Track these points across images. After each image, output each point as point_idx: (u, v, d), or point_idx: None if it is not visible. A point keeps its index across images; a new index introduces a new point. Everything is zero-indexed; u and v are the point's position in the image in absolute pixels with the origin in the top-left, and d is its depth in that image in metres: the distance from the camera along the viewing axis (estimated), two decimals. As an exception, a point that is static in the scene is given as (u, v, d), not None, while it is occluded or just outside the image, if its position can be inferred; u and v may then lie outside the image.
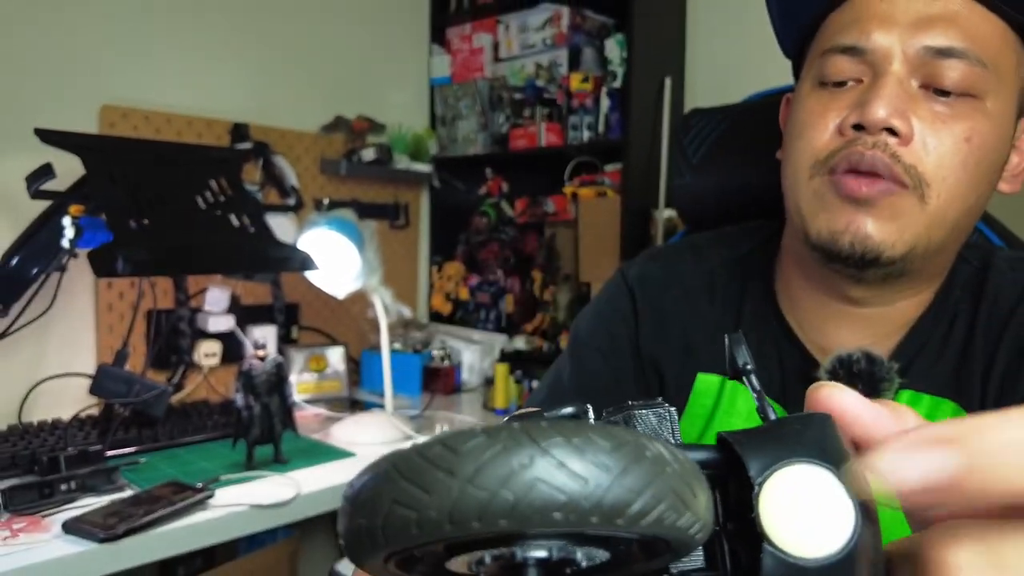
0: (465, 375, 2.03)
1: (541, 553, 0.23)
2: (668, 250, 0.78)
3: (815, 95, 0.60)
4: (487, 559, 0.23)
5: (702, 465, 0.26)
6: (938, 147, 0.55)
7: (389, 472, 0.21)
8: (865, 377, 0.59)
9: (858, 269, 0.58)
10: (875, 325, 0.63)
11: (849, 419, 0.26)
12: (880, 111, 0.54)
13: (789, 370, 0.66)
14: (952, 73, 0.55)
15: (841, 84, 0.59)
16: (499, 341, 2.13)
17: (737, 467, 0.26)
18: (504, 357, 2.06)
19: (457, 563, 0.25)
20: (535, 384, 1.94)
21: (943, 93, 0.55)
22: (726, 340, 0.33)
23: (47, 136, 1.23)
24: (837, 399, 0.27)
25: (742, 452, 0.26)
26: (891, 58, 0.56)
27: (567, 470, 0.20)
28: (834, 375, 0.61)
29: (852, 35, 0.58)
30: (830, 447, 0.26)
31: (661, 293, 0.73)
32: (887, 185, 0.55)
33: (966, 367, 0.61)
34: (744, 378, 0.31)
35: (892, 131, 0.54)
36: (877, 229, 0.56)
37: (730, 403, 0.68)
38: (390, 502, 0.21)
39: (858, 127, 0.56)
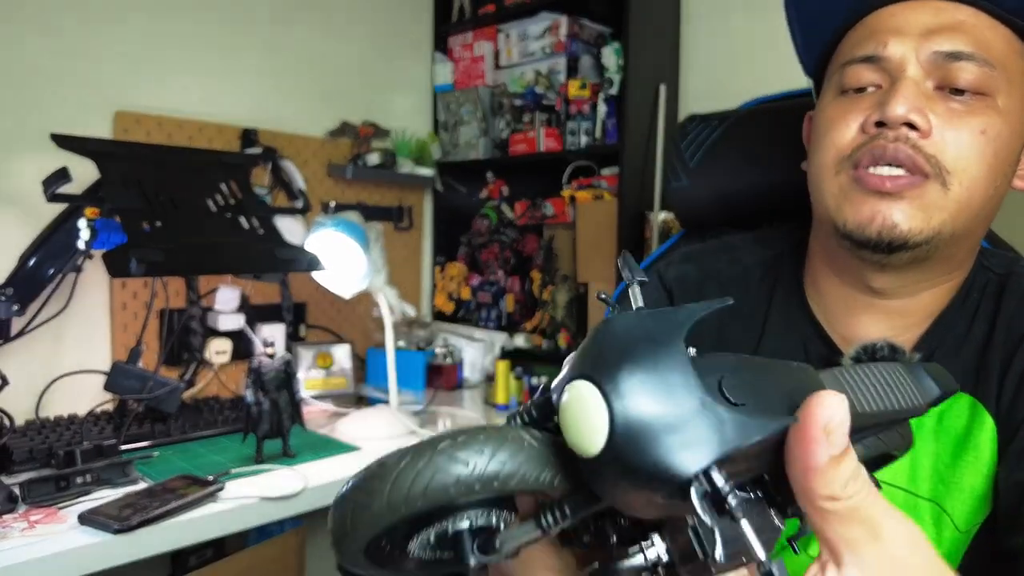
0: (467, 372, 2.03)
1: (464, 524, 0.31)
2: (704, 250, 0.79)
3: (837, 102, 0.63)
4: (431, 537, 0.32)
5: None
6: (956, 139, 0.57)
7: (347, 490, 0.31)
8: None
9: (885, 254, 0.59)
10: (898, 317, 0.65)
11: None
12: (900, 107, 0.56)
13: (813, 358, 0.68)
14: (964, 74, 0.57)
15: (861, 90, 0.61)
16: (500, 339, 2.12)
17: None
18: (505, 354, 2.06)
19: (416, 547, 0.33)
20: (534, 380, 1.94)
21: (957, 92, 0.58)
22: (618, 260, 0.38)
23: (63, 141, 1.23)
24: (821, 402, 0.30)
25: (550, 390, 0.33)
26: (906, 63, 0.58)
27: (456, 460, 0.28)
28: (858, 361, 0.63)
29: (869, 46, 0.60)
30: (593, 357, 0.30)
31: (697, 289, 0.75)
32: (910, 179, 0.57)
33: (985, 364, 0.62)
34: (629, 289, 0.36)
35: (912, 126, 0.56)
36: (905, 218, 0.57)
37: None
38: (349, 508, 0.30)
39: (880, 124, 0.58)
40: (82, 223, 1.28)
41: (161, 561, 1.53)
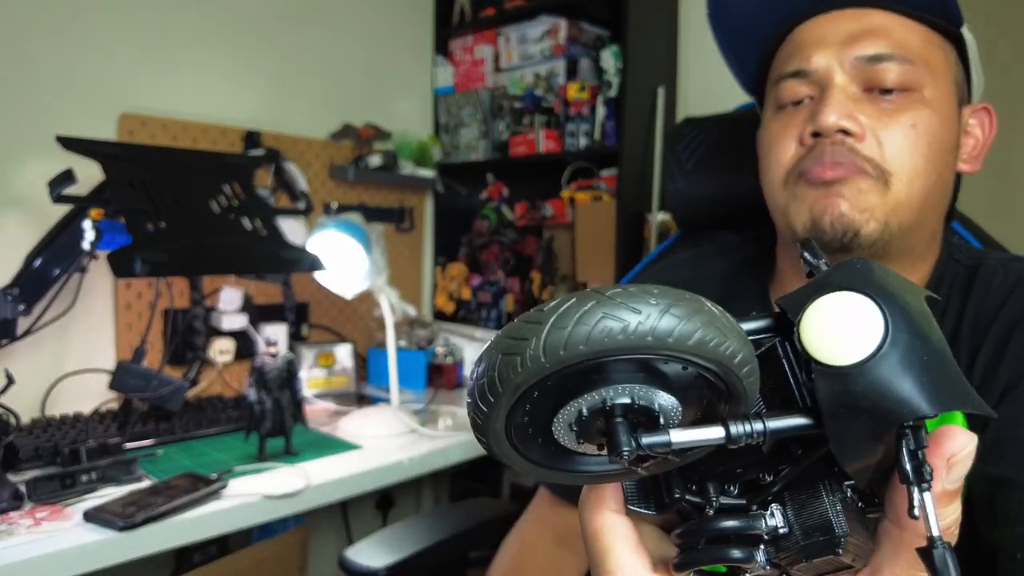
0: (468, 371, 2.03)
1: (625, 399, 0.27)
2: (674, 262, 0.81)
3: (776, 118, 0.65)
4: (584, 410, 0.27)
5: (756, 331, 0.31)
6: (889, 138, 0.59)
7: (498, 338, 0.26)
8: None
9: (843, 252, 0.61)
10: None
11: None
12: (831, 116, 0.59)
13: None
14: (889, 74, 0.59)
15: (797, 103, 0.63)
16: (500, 339, 2.12)
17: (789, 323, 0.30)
18: (504, 354, 2.06)
19: (561, 428, 0.28)
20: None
21: (886, 92, 0.60)
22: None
23: (69, 143, 1.23)
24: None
25: (783, 304, 0.30)
26: (832, 72, 0.61)
27: (626, 307, 0.25)
28: None
29: (796, 61, 0.63)
30: (859, 278, 0.29)
31: None
32: (851, 169, 0.59)
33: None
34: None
35: (846, 131, 0.59)
36: (849, 207, 0.59)
37: None
38: (499, 355, 0.26)
39: (816, 134, 0.60)
40: (87, 224, 1.29)
41: (165, 558, 1.53)
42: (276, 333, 1.73)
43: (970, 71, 0.65)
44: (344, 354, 1.87)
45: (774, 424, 0.28)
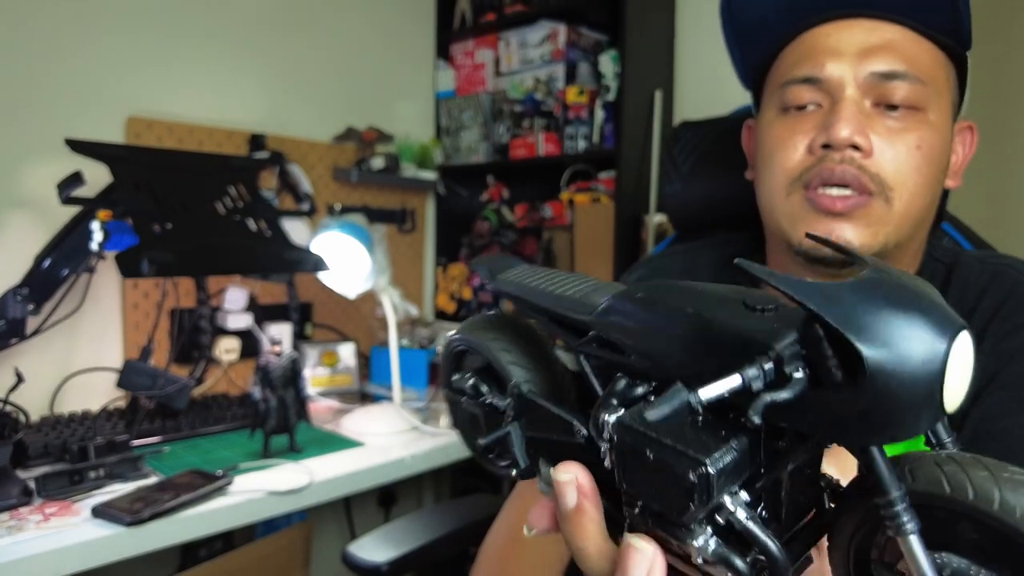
0: (468, 370, 2.03)
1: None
2: (663, 256, 0.81)
3: (780, 121, 0.64)
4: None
5: None
6: (895, 157, 0.59)
7: None
8: None
9: (838, 268, 0.61)
10: None
11: None
12: (844, 131, 0.58)
13: None
14: (899, 92, 0.59)
15: (802, 108, 0.62)
16: (500, 338, 2.12)
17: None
18: (505, 353, 2.06)
19: None
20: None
21: (893, 108, 0.59)
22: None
23: (77, 146, 1.23)
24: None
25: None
26: (844, 84, 0.60)
27: None
28: None
29: (807, 67, 0.62)
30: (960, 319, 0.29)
31: None
32: (857, 199, 0.59)
33: None
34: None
35: (855, 147, 0.58)
36: (855, 235, 0.59)
37: None
38: None
39: (826, 146, 0.59)
40: (95, 225, 1.29)
41: (171, 553, 1.53)
42: (280, 332, 1.73)
43: (964, 91, 0.64)
44: (347, 353, 1.87)
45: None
